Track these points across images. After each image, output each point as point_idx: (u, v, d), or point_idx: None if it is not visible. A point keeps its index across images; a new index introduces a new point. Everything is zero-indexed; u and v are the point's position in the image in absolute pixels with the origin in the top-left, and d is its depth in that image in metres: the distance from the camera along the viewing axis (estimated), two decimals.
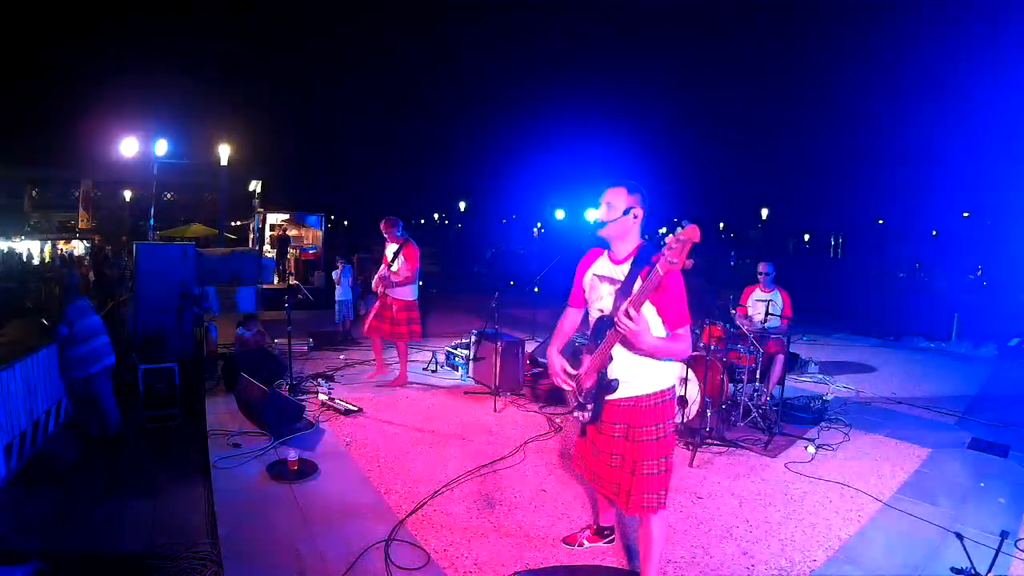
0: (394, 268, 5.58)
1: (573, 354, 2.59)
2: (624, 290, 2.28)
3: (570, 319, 2.69)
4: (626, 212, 2.32)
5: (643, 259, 2.29)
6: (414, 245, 5.62)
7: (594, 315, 2.47)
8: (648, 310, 2.23)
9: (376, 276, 5.71)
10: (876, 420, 5.16)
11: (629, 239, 2.38)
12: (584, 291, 2.55)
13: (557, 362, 2.53)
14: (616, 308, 2.27)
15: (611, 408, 2.43)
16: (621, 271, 2.36)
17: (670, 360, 2.40)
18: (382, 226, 5.67)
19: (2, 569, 2.73)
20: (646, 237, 2.41)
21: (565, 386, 2.52)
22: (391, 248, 5.67)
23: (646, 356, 2.32)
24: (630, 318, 2.10)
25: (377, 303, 5.77)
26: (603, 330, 2.37)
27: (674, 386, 2.50)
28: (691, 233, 1.92)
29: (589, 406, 2.47)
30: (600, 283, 2.44)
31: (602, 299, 2.41)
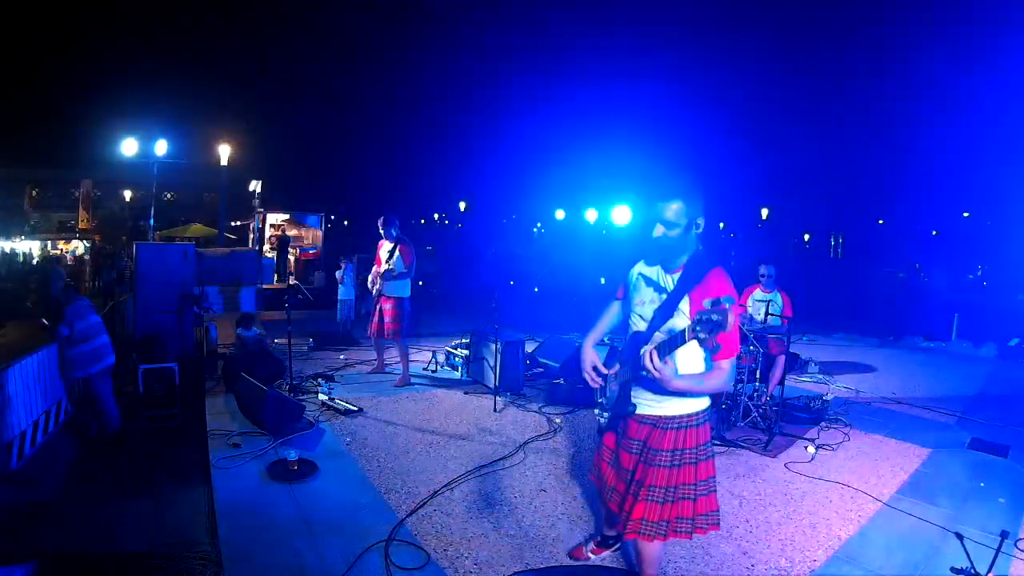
0: (389, 265, 5.66)
1: (608, 355, 2.47)
2: (669, 304, 2.13)
3: (613, 312, 2.54)
4: (688, 227, 2.13)
5: (693, 273, 2.12)
6: (409, 243, 5.77)
7: (633, 324, 2.30)
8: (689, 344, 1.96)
9: (371, 275, 5.81)
10: (876, 420, 5.16)
11: (686, 249, 2.19)
12: (628, 286, 2.38)
13: (589, 357, 2.37)
14: (654, 327, 2.15)
15: (632, 423, 2.32)
16: (670, 281, 2.18)
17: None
18: (380, 223, 5.76)
19: (2, 569, 2.72)
20: (700, 246, 2.22)
21: (592, 383, 2.39)
22: (385, 247, 5.75)
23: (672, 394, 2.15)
24: (655, 366, 1.95)
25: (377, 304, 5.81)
26: (637, 346, 2.17)
27: (703, 411, 2.26)
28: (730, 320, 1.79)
29: (606, 414, 2.39)
30: (645, 286, 2.27)
31: (644, 304, 2.25)
